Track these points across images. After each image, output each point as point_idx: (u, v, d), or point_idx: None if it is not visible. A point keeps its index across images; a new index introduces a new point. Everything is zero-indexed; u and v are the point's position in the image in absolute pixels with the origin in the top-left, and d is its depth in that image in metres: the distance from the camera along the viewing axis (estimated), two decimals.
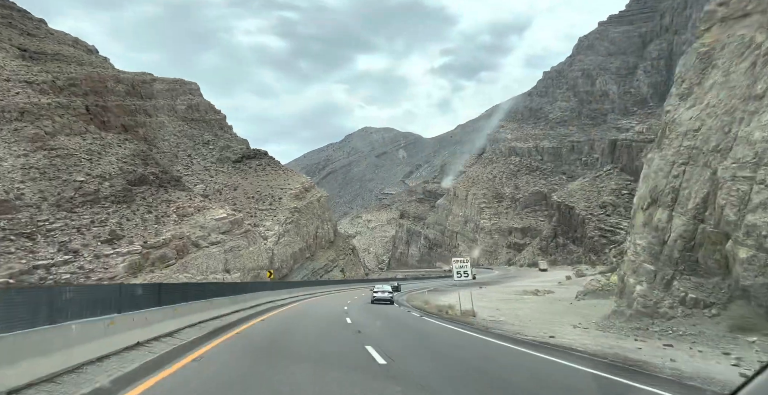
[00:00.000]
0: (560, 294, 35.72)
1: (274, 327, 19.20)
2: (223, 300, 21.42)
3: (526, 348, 13.46)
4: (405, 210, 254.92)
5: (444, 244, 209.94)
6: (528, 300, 33.76)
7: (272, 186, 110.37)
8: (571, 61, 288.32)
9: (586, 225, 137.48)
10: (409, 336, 16.70)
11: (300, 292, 41.96)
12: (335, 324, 20.16)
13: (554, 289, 40.98)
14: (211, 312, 18.57)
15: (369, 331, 17.53)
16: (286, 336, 16.08)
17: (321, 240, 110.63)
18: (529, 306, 28.22)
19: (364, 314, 25.46)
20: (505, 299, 33.91)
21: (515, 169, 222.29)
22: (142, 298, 12.13)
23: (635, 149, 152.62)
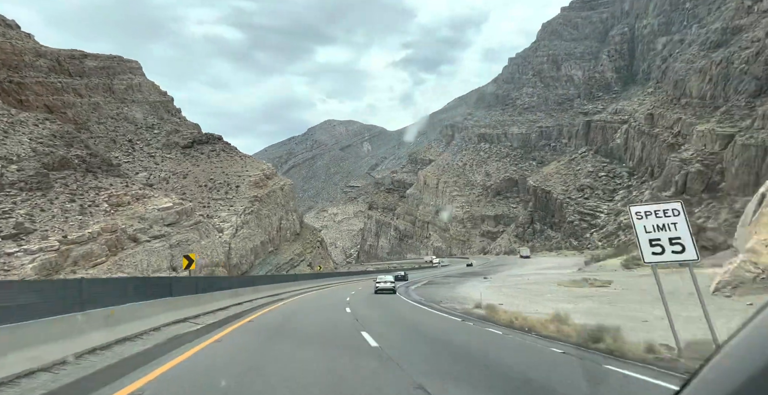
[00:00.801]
0: (630, 286, 25.93)
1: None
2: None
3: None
4: (374, 201, 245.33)
5: (415, 235, 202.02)
6: (598, 297, 22.51)
7: (228, 173, 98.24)
8: (536, 47, 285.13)
9: (564, 210, 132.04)
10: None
11: (293, 287, 33.85)
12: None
13: (591, 277, 31.49)
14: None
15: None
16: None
17: (286, 232, 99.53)
18: (653, 313, 14.45)
19: (395, 330, 15.93)
20: (554, 297, 22.77)
21: (485, 156, 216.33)
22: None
23: (609, 130, 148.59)
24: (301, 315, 18.98)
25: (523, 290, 25.74)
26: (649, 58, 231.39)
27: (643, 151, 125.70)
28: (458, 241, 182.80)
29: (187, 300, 15.99)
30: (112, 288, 12.35)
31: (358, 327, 13.93)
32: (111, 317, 10.16)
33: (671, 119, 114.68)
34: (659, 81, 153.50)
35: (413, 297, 27.88)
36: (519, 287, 27.75)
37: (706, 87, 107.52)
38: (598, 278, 29.59)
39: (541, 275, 40.87)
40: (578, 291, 25.56)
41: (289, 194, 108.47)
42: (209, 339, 11.69)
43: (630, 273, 35.57)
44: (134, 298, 12.10)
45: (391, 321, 16.08)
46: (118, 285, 13.62)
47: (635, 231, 10.81)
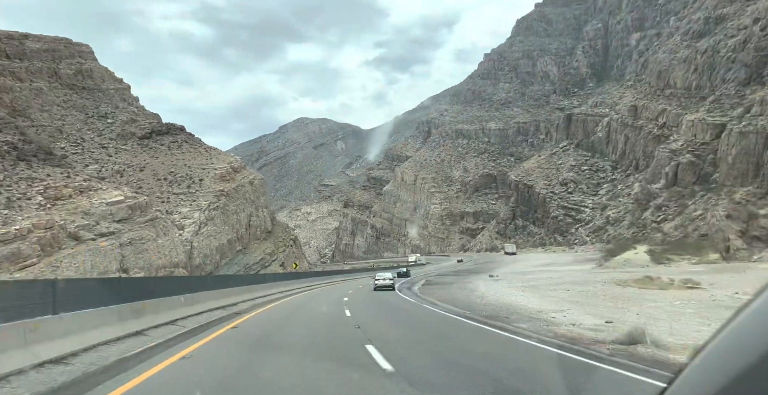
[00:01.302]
0: (725, 287, 19.49)
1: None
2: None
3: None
4: (350, 198, 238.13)
5: (392, 233, 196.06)
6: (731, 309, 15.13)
7: (191, 166, 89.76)
8: (512, 43, 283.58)
9: (548, 205, 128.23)
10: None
11: (269, 289, 28.32)
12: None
13: (663, 277, 24.53)
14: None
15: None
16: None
17: (256, 229, 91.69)
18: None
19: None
20: (661, 307, 14.97)
21: (463, 152, 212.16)
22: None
23: (590, 123, 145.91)
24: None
25: (574, 292, 19.50)
26: (623, 54, 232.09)
27: (627, 143, 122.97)
28: (437, 239, 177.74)
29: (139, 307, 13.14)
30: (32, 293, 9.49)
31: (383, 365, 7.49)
32: (34, 331, 8.62)
33: (656, 110, 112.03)
34: (639, 74, 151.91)
35: (431, 301, 21.44)
36: (556, 287, 21.56)
37: (691, 77, 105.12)
38: (659, 276, 23.63)
39: (554, 273, 35.21)
40: (671, 295, 18.73)
41: (259, 189, 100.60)
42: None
43: (690, 269, 30.37)
44: (70, 306, 10.14)
45: (449, 362, 8.61)
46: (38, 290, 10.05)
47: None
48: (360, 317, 15.90)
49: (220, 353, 10.29)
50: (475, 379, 6.71)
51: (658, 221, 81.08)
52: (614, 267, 33.20)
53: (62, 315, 9.60)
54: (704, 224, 66.54)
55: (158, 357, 9.27)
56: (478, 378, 6.85)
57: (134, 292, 13.89)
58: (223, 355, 9.92)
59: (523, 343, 10.14)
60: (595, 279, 24.17)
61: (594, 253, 68.78)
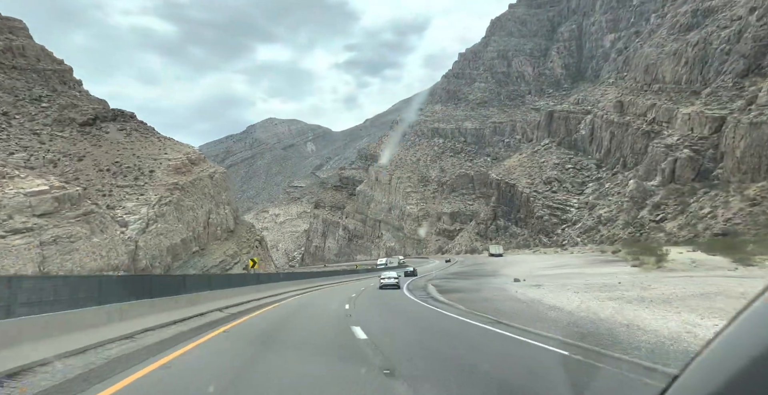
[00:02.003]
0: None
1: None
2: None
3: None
4: (320, 199, 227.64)
5: (366, 235, 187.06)
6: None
7: (141, 156, 78.58)
8: (486, 42, 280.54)
9: (532, 204, 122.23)
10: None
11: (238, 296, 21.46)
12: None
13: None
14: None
15: None
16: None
17: (216, 228, 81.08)
18: None
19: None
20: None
21: (439, 151, 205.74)
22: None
23: (572, 121, 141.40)
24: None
25: (718, 307, 11.92)
26: (598, 55, 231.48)
27: (612, 141, 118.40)
28: (413, 241, 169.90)
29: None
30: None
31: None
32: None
33: (644, 106, 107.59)
34: (620, 71, 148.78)
35: (485, 316, 13.02)
36: (653, 301, 13.81)
37: (681, 70, 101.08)
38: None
39: (584, 277, 27.33)
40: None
41: (221, 184, 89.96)
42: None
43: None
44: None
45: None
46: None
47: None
48: (396, 356, 7.33)
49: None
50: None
51: (658, 220, 75.48)
52: (684, 270, 25.72)
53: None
54: (715, 222, 60.97)
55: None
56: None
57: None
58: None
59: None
60: (698, 288, 16.43)
61: (596, 255, 62.06)
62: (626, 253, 45.62)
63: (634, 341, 8.96)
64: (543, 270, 42.31)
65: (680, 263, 28.74)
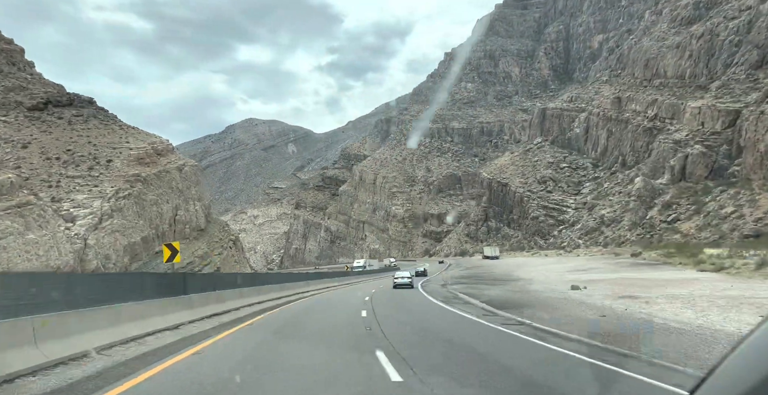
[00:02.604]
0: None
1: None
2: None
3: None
4: (302, 199, 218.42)
5: (349, 236, 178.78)
6: None
7: (98, 144, 69.33)
8: (473, 42, 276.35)
9: (526, 205, 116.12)
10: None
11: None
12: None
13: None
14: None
15: None
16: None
17: (184, 226, 72.07)
18: None
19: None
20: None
21: (426, 151, 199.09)
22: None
23: (566, 119, 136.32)
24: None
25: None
26: (585, 57, 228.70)
27: (610, 139, 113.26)
28: (398, 243, 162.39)
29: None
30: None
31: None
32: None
33: (644, 102, 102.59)
34: (614, 69, 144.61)
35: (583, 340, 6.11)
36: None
37: (685, 64, 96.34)
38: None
39: (655, 287, 20.17)
40: None
41: (191, 177, 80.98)
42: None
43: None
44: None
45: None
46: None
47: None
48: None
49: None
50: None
51: (670, 221, 69.70)
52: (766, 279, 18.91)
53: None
54: (744, 222, 55.25)
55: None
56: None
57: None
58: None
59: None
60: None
61: (610, 258, 55.64)
62: (662, 255, 39.03)
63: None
64: (567, 274, 35.40)
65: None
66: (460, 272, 55.01)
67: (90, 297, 9.74)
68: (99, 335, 9.14)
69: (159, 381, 7.04)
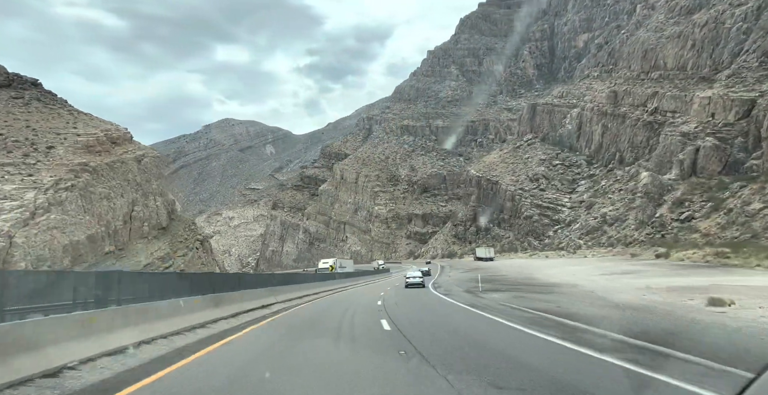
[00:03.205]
0: None
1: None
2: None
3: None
4: (279, 199, 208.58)
5: (329, 238, 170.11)
6: None
7: (38, 129, 59.62)
8: (456, 40, 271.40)
9: (518, 203, 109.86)
10: None
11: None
12: None
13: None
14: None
15: None
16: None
17: (142, 224, 62.72)
18: None
19: None
20: None
21: (410, 149, 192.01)
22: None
23: (557, 115, 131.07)
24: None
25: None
26: (570, 56, 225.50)
27: (605, 135, 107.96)
28: (381, 244, 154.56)
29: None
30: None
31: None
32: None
33: (643, 95, 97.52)
34: (605, 64, 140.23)
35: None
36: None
37: (687, 54, 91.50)
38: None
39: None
40: None
41: (151, 170, 71.55)
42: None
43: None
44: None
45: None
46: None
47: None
48: None
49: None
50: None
51: (683, 219, 63.89)
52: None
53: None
54: None
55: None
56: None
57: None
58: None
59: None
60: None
61: (628, 258, 49.22)
62: (713, 255, 32.33)
63: None
64: (612, 277, 28.40)
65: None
66: (464, 274, 47.38)
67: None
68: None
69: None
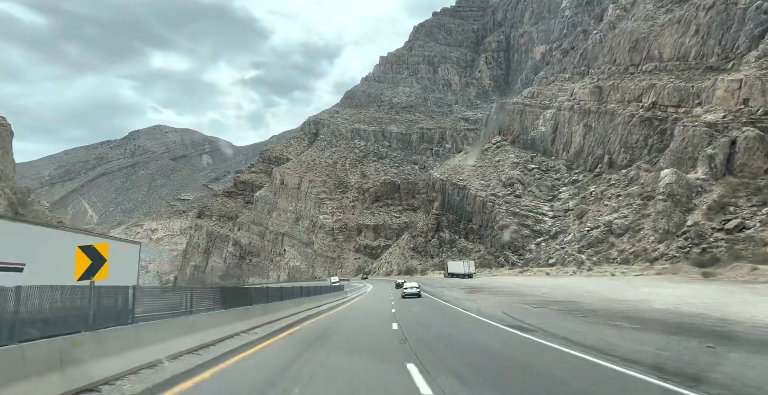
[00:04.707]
0: None
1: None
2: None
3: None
4: (207, 207, 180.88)
5: (264, 251, 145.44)
6: None
7: None
8: (411, 46, 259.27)
9: (491, 212, 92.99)
10: None
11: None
12: None
13: None
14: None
15: None
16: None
17: None
18: None
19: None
20: None
21: (361, 155, 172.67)
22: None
23: (529, 116, 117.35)
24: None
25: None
26: (527, 68, 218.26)
27: (588, 135, 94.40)
28: (325, 259, 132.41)
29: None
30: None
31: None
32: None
33: (637, 89, 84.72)
34: (577, 66, 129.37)
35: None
36: None
37: (689, 41, 79.66)
38: None
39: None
40: None
41: None
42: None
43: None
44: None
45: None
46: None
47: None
48: None
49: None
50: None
51: (732, 228, 48.78)
52: None
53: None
54: None
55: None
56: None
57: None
58: None
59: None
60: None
61: (668, 277, 32.43)
62: None
63: None
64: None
65: None
66: (492, 298, 27.04)
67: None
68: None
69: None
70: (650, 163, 76.85)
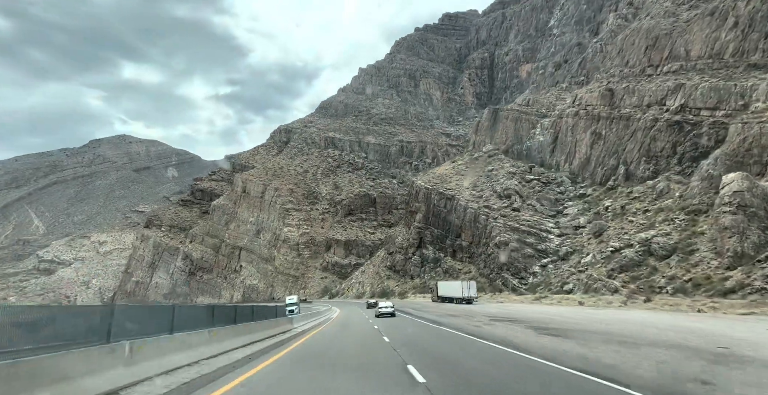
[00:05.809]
0: None
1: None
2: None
3: None
4: (157, 215, 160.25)
5: (217, 267, 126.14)
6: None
7: None
8: (392, 59, 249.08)
9: (487, 225, 78.47)
10: None
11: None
12: None
13: None
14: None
15: None
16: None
17: None
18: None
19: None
20: None
21: (334, 165, 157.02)
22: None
23: (526, 124, 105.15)
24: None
25: None
26: (512, 86, 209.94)
27: (597, 144, 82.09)
28: (287, 277, 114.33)
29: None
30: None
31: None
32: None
33: (660, 91, 73.17)
34: (575, 75, 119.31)
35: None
36: None
37: (725, 36, 68.94)
38: None
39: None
40: None
41: None
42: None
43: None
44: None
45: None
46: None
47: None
48: None
49: None
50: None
51: None
52: None
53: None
54: None
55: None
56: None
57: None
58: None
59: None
60: None
61: None
62: None
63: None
64: None
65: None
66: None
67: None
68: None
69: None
70: (682, 173, 64.45)
